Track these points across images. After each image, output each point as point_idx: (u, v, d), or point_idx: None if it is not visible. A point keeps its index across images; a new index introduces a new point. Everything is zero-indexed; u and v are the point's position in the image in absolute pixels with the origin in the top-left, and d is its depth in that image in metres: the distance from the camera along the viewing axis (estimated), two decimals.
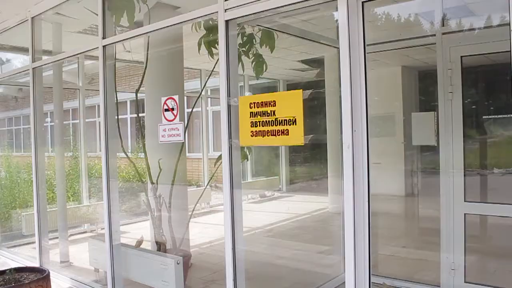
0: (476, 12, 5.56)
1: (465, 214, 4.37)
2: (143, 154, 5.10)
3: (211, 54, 4.36)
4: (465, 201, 4.39)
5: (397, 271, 5.18)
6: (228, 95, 3.22)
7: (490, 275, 4.56)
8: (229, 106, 3.21)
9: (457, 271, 4.39)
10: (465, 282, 4.36)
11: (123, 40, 4.35)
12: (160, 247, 4.79)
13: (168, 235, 4.88)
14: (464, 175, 4.40)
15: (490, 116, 7.44)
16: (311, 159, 11.77)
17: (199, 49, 4.57)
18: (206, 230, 7.74)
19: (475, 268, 4.57)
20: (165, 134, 3.86)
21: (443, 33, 4.86)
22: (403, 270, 5.31)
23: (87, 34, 6.32)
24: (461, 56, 4.40)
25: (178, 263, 4.01)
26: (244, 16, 3.20)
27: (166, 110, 3.85)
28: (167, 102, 3.84)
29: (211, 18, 3.69)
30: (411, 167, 8.97)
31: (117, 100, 4.61)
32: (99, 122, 4.49)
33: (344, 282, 2.64)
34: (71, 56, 5.46)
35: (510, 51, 2.10)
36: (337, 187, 7.61)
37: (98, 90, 4.42)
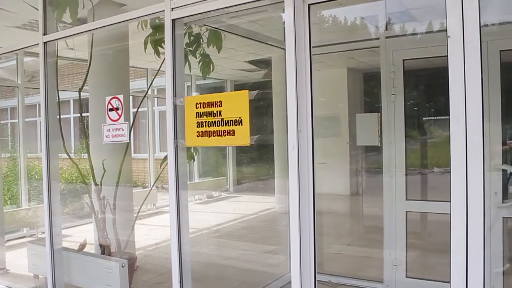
0: (417, 18, 5.75)
1: (406, 212, 4.54)
2: (86, 154, 4.96)
3: (157, 53, 4.29)
4: (406, 199, 4.56)
5: (342, 269, 5.30)
6: (174, 95, 3.18)
7: (429, 270, 4.74)
8: (175, 106, 3.17)
9: (399, 267, 4.54)
10: (406, 277, 4.53)
11: (66, 37, 4.20)
12: (104, 250, 4.67)
13: (113, 238, 4.76)
14: (406, 175, 4.56)
15: (430, 118, 7.73)
16: (258, 159, 11.82)
17: (145, 48, 4.49)
18: (152, 232, 7.62)
19: (416, 264, 4.74)
20: (109, 134, 3.76)
21: (387, 37, 5.01)
22: (348, 268, 5.44)
23: (27, 29, 6.06)
24: (403, 60, 4.56)
25: (123, 266, 3.92)
26: (191, 15, 3.18)
27: (111, 109, 3.75)
28: (111, 101, 3.74)
29: (157, 16, 3.64)
30: (356, 167, 9.18)
31: (59, 99, 4.45)
32: (40, 122, 4.32)
33: (290, 281, 2.66)
34: (9, 52, 5.23)
35: (448, 55, 2.19)
36: (283, 187, 7.69)
37: (39, 89, 4.25)
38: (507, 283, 4.13)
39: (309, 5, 2.66)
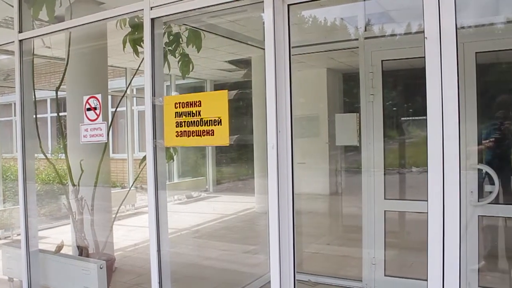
0: (396, 19, 5.82)
1: (385, 211, 4.59)
2: (64, 155, 4.89)
3: (136, 52, 4.25)
4: (385, 198, 4.60)
5: (322, 268, 5.33)
6: (153, 94, 3.16)
7: (407, 268, 4.80)
8: (154, 106, 3.15)
9: (377, 266, 4.59)
10: (385, 275, 4.58)
11: (42, 35, 4.14)
12: (82, 251, 4.60)
13: (91, 239, 4.70)
14: (384, 174, 4.61)
15: (408, 118, 7.82)
16: (238, 159, 11.82)
17: (124, 47, 4.44)
18: (131, 233, 7.55)
19: (394, 262, 4.79)
20: (87, 134, 3.72)
21: (366, 38, 5.05)
22: (328, 267, 5.47)
23: (2, 27, 5.95)
24: (382, 60, 4.60)
25: (101, 268, 3.88)
26: (170, 14, 3.16)
27: (88, 109, 3.71)
28: (89, 101, 3.70)
29: (136, 15, 3.60)
30: (335, 166, 9.24)
31: (35, 98, 4.38)
32: (15, 121, 4.25)
33: (270, 281, 2.67)
34: None
35: (425, 56, 2.22)
36: (263, 187, 7.66)
37: (14, 87, 4.18)
38: (482, 280, 4.20)
39: (288, 5, 2.67)
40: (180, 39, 4.76)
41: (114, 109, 6.75)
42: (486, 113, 4.44)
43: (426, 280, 2.23)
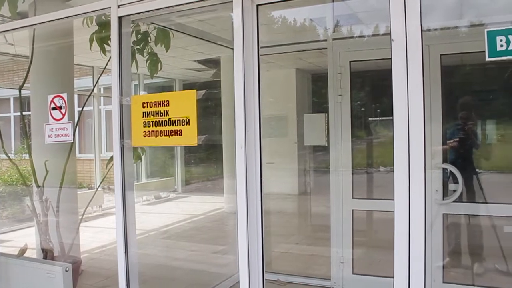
0: (364, 21, 5.89)
1: (353, 210, 4.64)
2: (28, 155, 4.77)
3: (103, 51, 4.18)
4: (353, 198, 4.66)
5: (290, 267, 5.35)
6: (120, 94, 3.12)
7: (375, 266, 4.86)
8: (121, 105, 3.11)
9: (345, 264, 4.64)
10: (353, 273, 4.64)
11: (4, 31, 4.02)
12: (47, 254, 4.50)
13: (56, 241, 4.60)
14: (352, 174, 4.67)
15: (376, 118, 7.93)
16: (207, 159, 11.76)
17: (90, 45, 4.36)
18: (98, 234, 7.42)
19: (362, 260, 4.85)
20: (52, 134, 3.63)
21: (334, 39, 5.11)
22: (297, 266, 5.50)
23: None
24: (350, 61, 4.66)
25: (66, 271, 3.79)
26: (138, 13, 3.12)
27: (54, 108, 3.63)
28: (54, 100, 3.62)
29: (103, 13, 3.54)
30: (304, 166, 9.29)
31: None
32: None
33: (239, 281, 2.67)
34: None
35: (391, 58, 2.25)
36: (232, 187, 7.68)
37: None
38: (447, 276, 4.30)
39: (257, 5, 2.67)
40: (149, 38, 4.70)
41: (80, 109, 6.64)
42: (450, 114, 4.55)
43: (393, 277, 2.27)
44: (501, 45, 2.08)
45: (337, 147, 4.63)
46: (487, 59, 2.11)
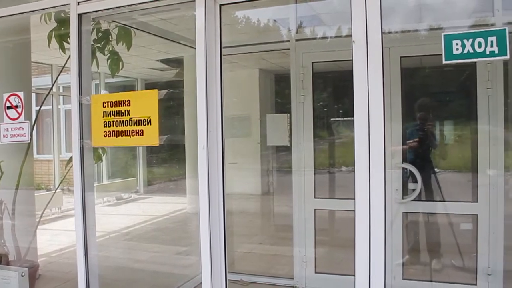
0: (326, 23, 5.95)
1: (315, 210, 4.69)
2: None
3: (62, 48, 4.08)
4: (315, 197, 4.71)
5: (254, 267, 5.36)
6: (80, 93, 3.05)
7: (337, 265, 4.93)
8: (81, 105, 3.04)
9: (308, 263, 4.68)
10: (315, 272, 4.68)
11: None
12: (1, 259, 4.35)
13: (12, 245, 4.46)
14: (315, 174, 4.71)
15: (338, 119, 8.02)
16: (169, 160, 11.64)
17: (49, 42, 4.24)
18: (57, 237, 7.23)
19: (324, 259, 4.90)
20: (8, 134, 3.52)
21: (297, 40, 5.14)
22: (260, 266, 5.52)
23: None
24: (312, 62, 4.70)
25: (22, 275, 3.68)
26: (98, 10, 3.07)
27: (9, 107, 3.52)
28: (9, 98, 3.51)
29: (63, 10, 3.46)
30: (267, 166, 9.32)
31: None
32: None
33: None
34: None
35: (352, 59, 2.29)
36: (195, 188, 7.59)
37: None
38: (407, 273, 4.41)
39: (220, 5, 2.67)
40: (110, 36, 4.61)
41: (38, 108, 6.46)
42: (410, 114, 4.66)
43: (354, 275, 2.31)
44: (457, 49, 2.14)
45: (299, 147, 4.66)
46: (444, 61, 2.17)
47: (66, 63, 3.42)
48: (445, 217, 4.67)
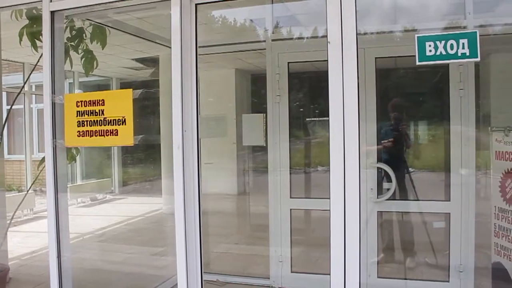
0: (302, 23, 5.97)
1: (291, 209, 4.70)
2: None
3: (34, 46, 4.00)
4: (291, 197, 4.72)
5: (230, 267, 5.35)
6: (53, 92, 3.00)
7: (313, 264, 4.95)
8: (53, 104, 2.99)
9: (284, 263, 4.70)
10: (291, 272, 4.70)
11: None
12: None
13: None
14: (291, 173, 4.73)
15: (313, 119, 8.06)
16: (145, 160, 11.53)
17: (20, 40, 4.16)
18: (29, 239, 7.09)
19: (300, 259, 4.92)
20: None
21: (273, 40, 5.15)
22: (236, 266, 5.50)
23: None
24: (288, 62, 4.71)
25: None
26: (72, 8, 3.03)
27: None
28: None
29: (35, 7, 3.39)
30: (243, 166, 9.31)
31: None
32: None
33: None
34: None
35: (328, 60, 2.30)
36: (171, 188, 7.52)
37: None
38: (381, 271, 4.46)
39: (196, 4, 2.66)
40: (84, 35, 4.55)
41: (9, 107, 6.32)
42: (384, 114, 4.71)
43: (330, 274, 2.32)
44: (430, 50, 2.18)
45: (275, 147, 4.67)
46: (417, 63, 2.21)
47: (38, 61, 3.36)
48: (419, 216, 4.74)
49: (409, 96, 5.57)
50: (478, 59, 2.15)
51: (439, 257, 4.55)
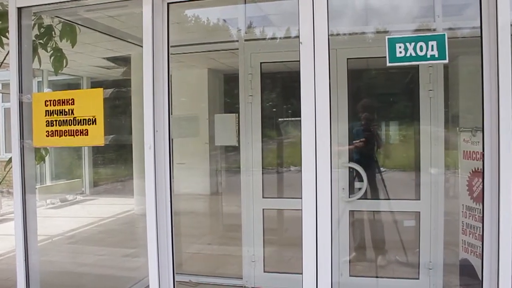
0: (275, 23, 5.99)
1: (263, 209, 4.71)
2: None
3: (1, 44, 3.90)
4: (263, 197, 4.73)
5: (202, 268, 5.33)
6: (20, 91, 2.93)
7: (285, 263, 4.97)
8: (21, 103, 2.92)
9: (257, 263, 4.70)
10: (264, 272, 4.71)
11: None
12: None
13: None
14: (263, 173, 4.74)
15: (286, 119, 8.10)
16: (116, 160, 11.39)
17: None
18: None
19: (273, 258, 4.93)
20: None
21: (246, 40, 5.16)
22: (209, 266, 5.49)
23: None
24: (261, 63, 4.72)
25: None
26: (40, 5, 2.95)
27: None
28: None
29: (1, 2, 3.31)
30: (216, 166, 9.29)
31: None
32: None
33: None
34: None
35: (300, 60, 2.32)
36: (142, 188, 7.47)
37: None
38: (353, 270, 4.51)
39: (168, 3, 2.63)
40: (53, 32, 4.45)
41: None
42: (356, 115, 4.77)
43: (302, 273, 2.34)
44: (400, 52, 2.22)
45: (248, 147, 4.67)
46: (388, 64, 2.24)
47: (4, 59, 3.27)
48: (390, 215, 4.81)
49: (380, 97, 5.64)
50: (447, 61, 2.20)
51: (410, 255, 4.62)
